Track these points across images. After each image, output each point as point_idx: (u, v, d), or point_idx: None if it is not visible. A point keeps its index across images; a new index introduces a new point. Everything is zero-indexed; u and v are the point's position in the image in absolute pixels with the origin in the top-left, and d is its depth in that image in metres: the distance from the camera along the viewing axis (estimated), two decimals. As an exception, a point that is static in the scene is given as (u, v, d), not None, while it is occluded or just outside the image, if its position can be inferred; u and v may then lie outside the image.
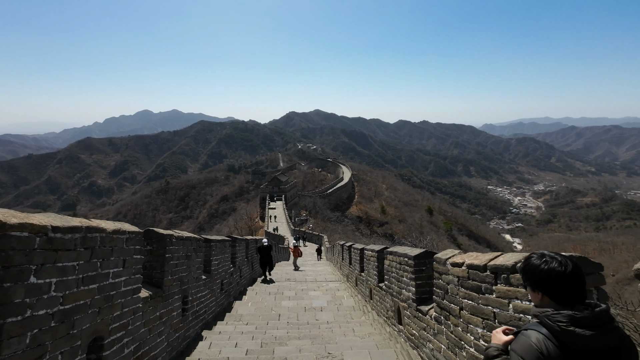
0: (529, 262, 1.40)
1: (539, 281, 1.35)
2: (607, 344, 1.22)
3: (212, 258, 6.06)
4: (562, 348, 1.23)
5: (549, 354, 1.22)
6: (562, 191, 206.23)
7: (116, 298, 2.69)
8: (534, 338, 1.27)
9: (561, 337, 1.24)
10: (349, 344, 4.47)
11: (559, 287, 1.31)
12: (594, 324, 1.23)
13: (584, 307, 1.29)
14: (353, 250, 9.53)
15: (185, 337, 4.44)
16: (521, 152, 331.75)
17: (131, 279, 2.93)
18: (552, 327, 1.26)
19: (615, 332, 1.24)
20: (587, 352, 1.21)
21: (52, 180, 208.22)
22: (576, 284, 1.30)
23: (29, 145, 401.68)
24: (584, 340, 1.21)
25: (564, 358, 1.22)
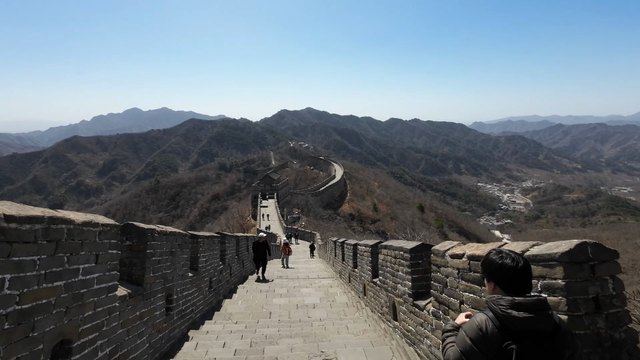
0: (488, 257, 1.62)
1: (493, 273, 1.57)
2: (540, 328, 1.38)
3: (200, 255, 5.81)
4: (501, 329, 1.40)
5: (487, 332, 1.41)
6: (549, 188, 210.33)
7: (87, 297, 2.45)
8: (478, 318, 1.48)
9: (501, 318, 1.42)
10: (343, 341, 4.29)
11: (507, 279, 1.51)
12: (530, 309, 1.39)
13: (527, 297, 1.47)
14: (346, 246, 9.36)
15: (170, 338, 4.20)
16: (510, 149, 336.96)
17: (105, 275, 2.69)
18: (495, 310, 1.45)
19: (549, 319, 1.41)
20: (522, 333, 1.37)
21: (37, 180, 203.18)
22: (523, 277, 1.50)
23: (12, 144, 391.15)
24: (519, 322, 1.38)
25: (501, 337, 1.39)
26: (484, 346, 1.40)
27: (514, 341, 1.37)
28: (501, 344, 1.38)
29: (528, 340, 1.37)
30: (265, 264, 10.60)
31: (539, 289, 1.95)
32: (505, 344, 1.38)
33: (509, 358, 1.36)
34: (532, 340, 1.37)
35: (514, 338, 1.38)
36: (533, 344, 1.37)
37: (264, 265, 10.53)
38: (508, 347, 1.37)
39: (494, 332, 1.40)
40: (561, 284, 1.82)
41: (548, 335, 1.40)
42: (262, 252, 10.45)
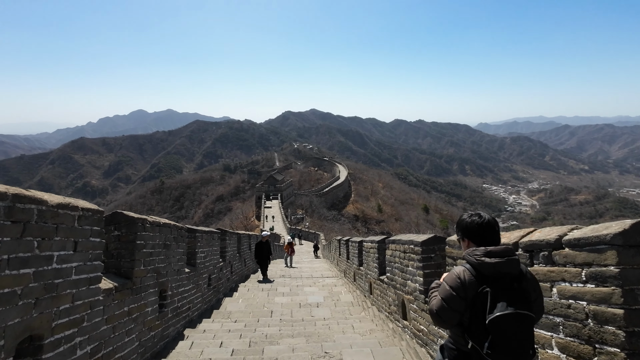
0: (460, 219, 1.86)
1: (465, 230, 1.81)
2: (510, 271, 1.58)
3: (198, 250, 5.55)
4: (477, 276, 1.61)
5: (465, 279, 1.61)
6: (556, 189, 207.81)
7: (63, 288, 2.19)
8: (457, 269, 1.68)
9: (477, 266, 1.62)
10: (348, 341, 3.99)
11: (477, 234, 1.74)
12: (500, 255, 1.60)
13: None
14: (351, 243, 9.06)
15: (163, 337, 3.93)
16: (516, 150, 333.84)
17: (86, 265, 2.42)
18: (471, 260, 1.65)
19: (516, 263, 1.62)
20: (494, 278, 1.57)
21: (44, 181, 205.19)
22: (490, 231, 1.73)
23: (20, 145, 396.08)
24: (492, 267, 1.58)
25: (477, 283, 1.59)
26: (463, 292, 1.60)
27: (488, 285, 1.56)
28: (477, 288, 1.58)
29: (500, 283, 1.55)
30: (267, 264, 10.22)
31: (584, 279, 1.65)
32: (480, 288, 1.57)
33: (484, 299, 1.54)
34: (503, 283, 1.56)
35: (488, 282, 1.57)
36: (504, 286, 1.55)
37: (266, 265, 10.17)
38: (483, 290, 1.56)
39: (470, 279, 1.60)
40: (614, 272, 1.52)
41: (516, 278, 1.59)
42: (265, 252, 10.13)
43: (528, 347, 1.49)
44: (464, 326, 1.61)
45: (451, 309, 1.61)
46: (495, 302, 1.49)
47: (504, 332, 1.46)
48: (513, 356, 1.46)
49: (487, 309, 1.50)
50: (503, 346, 1.46)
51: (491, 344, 1.48)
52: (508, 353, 1.46)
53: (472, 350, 1.57)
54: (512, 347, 1.46)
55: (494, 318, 1.46)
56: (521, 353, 1.47)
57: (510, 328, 1.46)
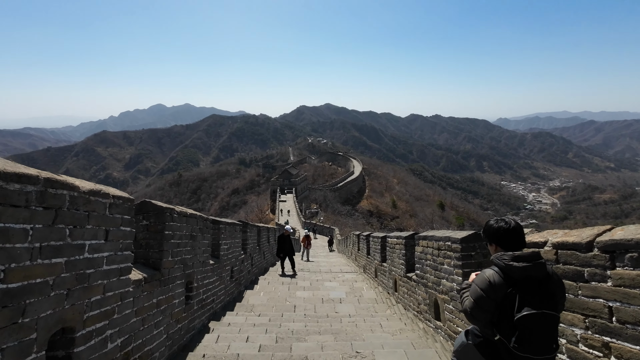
0: (487, 225, 1.97)
1: (492, 236, 1.90)
2: (536, 274, 1.69)
3: (221, 242, 5.47)
4: (506, 278, 1.71)
5: (495, 282, 1.72)
6: (579, 187, 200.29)
7: (95, 278, 2.08)
8: (487, 272, 1.78)
9: (505, 270, 1.72)
10: (379, 341, 3.81)
11: (504, 239, 1.84)
12: (527, 259, 1.70)
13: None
14: (372, 239, 8.85)
15: (189, 329, 3.86)
16: (537, 147, 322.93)
17: (117, 255, 2.32)
18: (500, 264, 1.75)
19: (543, 266, 1.71)
20: (521, 280, 1.67)
21: (70, 172, 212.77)
22: (516, 235, 1.84)
23: (47, 138, 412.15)
24: (520, 271, 1.68)
25: (505, 285, 1.69)
26: (493, 293, 1.71)
27: (516, 287, 1.68)
28: (506, 290, 1.69)
29: (527, 286, 1.67)
30: (292, 258, 9.90)
31: None
32: (509, 290, 1.69)
33: (512, 300, 1.66)
34: (530, 285, 1.67)
35: (515, 285, 1.68)
36: (531, 287, 1.67)
37: (291, 259, 9.87)
38: (511, 292, 1.68)
39: (500, 282, 1.71)
40: None
41: (542, 281, 1.69)
42: (287, 245, 9.89)
43: (552, 342, 1.65)
44: (493, 322, 1.75)
45: (482, 309, 1.74)
46: (523, 303, 1.63)
47: (530, 329, 1.60)
48: (538, 351, 1.62)
49: (515, 308, 1.64)
50: (528, 341, 1.61)
51: (518, 338, 1.63)
52: (533, 347, 1.61)
53: (499, 342, 1.72)
54: (537, 342, 1.61)
55: (521, 317, 1.61)
56: (545, 348, 1.63)
57: (536, 326, 1.60)
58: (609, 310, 1.75)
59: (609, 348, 1.75)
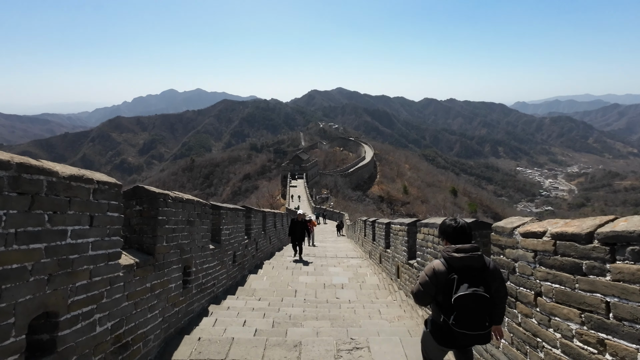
0: (442, 223, 2.36)
1: (443, 232, 2.31)
2: (473, 264, 2.07)
3: (223, 227, 5.50)
4: (448, 267, 2.10)
5: (438, 270, 2.11)
6: (598, 174, 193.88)
7: (80, 264, 2.08)
8: (434, 262, 2.21)
9: (448, 259, 2.11)
10: (375, 328, 3.79)
11: (452, 235, 2.24)
12: (467, 251, 2.10)
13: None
14: (377, 225, 8.78)
15: (187, 313, 3.92)
16: (555, 132, 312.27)
17: (104, 241, 2.32)
18: (445, 255, 2.16)
19: (480, 257, 2.11)
20: (461, 268, 2.05)
21: (87, 157, 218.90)
22: (462, 232, 2.23)
23: (64, 124, 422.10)
24: (459, 260, 2.08)
25: (447, 272, 2.07)
26: (435, 279, 2.10)
27: (456, 273, 2.04)
28: (447, 276, 2.05)
29: (465, 273, 2.03)
30: (301, 244, 9.74)
31: None
32: (450, 276, 2.04)
33: (452, 284, 2.01)
34: (467, 272, 2.03)
35: (456, 272, 2.05)
36: (468, 274, 2.02)
37: (300, 245, 9.71)
38: (452, 277, 2.04)
39: (443, 270, 2.09)
40: None
41: (479, 270, 2.06)
42: (300, 231, 9.65)
43: (484, 320, 1.99)
44: (439, 304, 2.12)
45: (425, 292, 2.15)
46: (459, 285, 2.00)
47: (465, 307, 1.95)
48: (472, 327, 1.96)
49: (453, 290, 2.01)
50: (464, 318, 1.96)
51: (455, 317, 1.97)
52: (468, 324, 1.96)
53: (443, 323, 2.11)
54: (470, 319, 1.96)
55: (457, 297, 1.97)
56: (478, 324, 1.98)
57: (469, 304, 1.95)
58: (607, 305, 1.64)
59: (604, 345, 1.65)
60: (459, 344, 2.10)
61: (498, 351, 2.61)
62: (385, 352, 3.18)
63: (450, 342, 2.13)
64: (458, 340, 2.06)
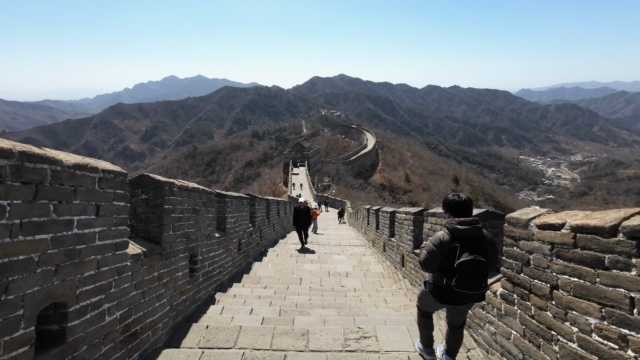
0: (445, 197, 2.65)
1: (448, 207, 2.59)
2: (474, 234, 2.39)
3: (228, 215, 5.47)
4: (452, 237, 2.40)
5: (444, 239, 2.42)
6: (601, 162, 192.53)
7: (86, 254, 2.05)
8: (439, 233, 2.49)
9: (452, 231, 2.41)
10: (382, 317, 3.79)
11: (455, 209, 2.53)
12: (469, 224, 2.39)
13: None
14: (381, 213, 8.74)
15: (195, 300, 3.93)
16: (560, 120, 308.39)
17: (111, 231, 2.28)
18: (449, 227, 2.45)
19: (479, 229, 2.42)
20: (463, 238, 2.37)
21: (89, 144, 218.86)
22: (464, 206, 2.51)
23: (66, 110, 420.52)
24: (461, 231, 2.38)
25: (451, 241, 2.38)
26: (441, 247, 2.40)
27: (459, 242, 2.36)
28: (451, 245, 2.37)
29: (466, 241, 2.36)
30: (306, 232, 9.71)
31: None
32: (453, 244, 2.37)
33: (455, 251, 2.34)
34: (469, 241, 2.36)
35: (458, 241, 2.36)
36: (469, 243, 2.35)
37: (305, 233, 9.67)
38: (455, 245, 2.36)
39: (447, 239, 2.40)
40: None
41: (478, 240, 2.39)
42: (303, 219, 9.53)
43: (482, 282, 2.31)
44: (442, 270, 2.44)
45: (432, 259, 2.43)
46: (462, 252, 2.31)
47: (466, 271, 2.28)
48: (471, 287, 2.29)
49: (456, 256, 2.31)
50: (464, 280, 2.28)
51: (457, 279, 2.29)
52: (468, 285, 2.28)
53: (446, 285, 2.39)
54: (470, 281, 2.29)
55: (460, 262, 2.29)
56: (477, 285, 2.30)
57: (470, 268, 2.27)
58: (631, 301, 1.59)
59: (626, 341, 1.60)
60: (458, 302, 2.45)
61: (509, 342, 2.59)
62: (392, 341, 3.17)
63: (449, 300, 2.48)
64: (457, 299, 2.40)
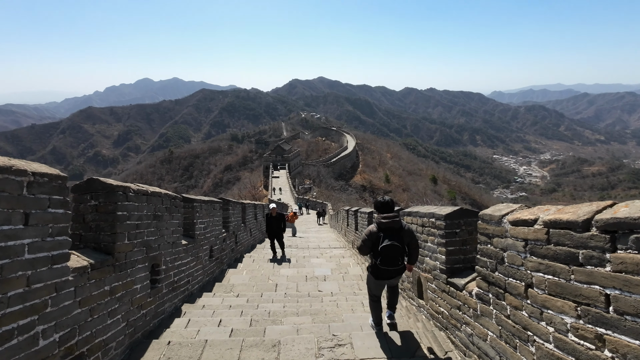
0: (375, 200, 3.38)
1: (375, 206, 3.33)
2: (394, 226, 3.12)
3: (197, 221, 5.18)
4: (378, 228, 3.13)
5: (373, 230, 3.14)
6: (568, 160, 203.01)
7: (11, 270, 1.77)
8: (370, 226, 3.22)
9: (378, 224, 3.15)
10: (358, 322, 3.65)
11: (381, 208, 3.24)
12: (390, 218, 3.13)
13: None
14: (360, 214, 8.66)
15: (158, 314, 3.63)
16: (529, 120, 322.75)
17: (45, 242, 2.00)
18: (376, 220, 3.19)
19: (398, 222, 3.16)
20: (386, 229, 3.10)
21: (57, 150, 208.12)
22: (387, 206, 3.24)
23: (30, 115, 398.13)
24: (384, 224, 3.11)
25: (377, 232, 3.11)
26: (370, 236, 3.14)
27: (383, 232, 3.10)
28: (377, 234, 3.11)
29: (388, 231, 3.09)
30: (281, 241, 8.49)
31: None
32: (379, 234, 3.10)
33: (379, 239, 3.08)
34: (389, 231, 3.09)
35: (382, 231, 3.10)
36: (390, 232, 3.09)
37: (280, 242, 8.48)
38: (379, 234, 3.10)
39: (375, 230, 3.13)
40: None
41: (397, 230, 3.13)
42: (275, 226, 8.41)
43: (398, 260, 3.06)
44: (372, 253, 3.16)
45: (365, 245, 3.15)
46: (384, 239, 3.03)
47: (387, 253, 3.02)
48: (390, 264, 3.04)
49: (380, 242, 3.04)
50: (386, 259, 3.03)
51: (381, 259, 3.03)
52: (388, 262, 3.03)
53: (375, 264, 3.15)
54: (389, 260, 3.03)
55: (382, 246, 3.02)
56: (394, 263, 3.05)
57: (389, 251, 3.01)
58: (606, 298, 1.51)
59: (602, 340, 1.52)
60: (385, 277, 3.20)
61: (485, 344, 2.50)
62: (368, 347, 3.03)
63: (380, 276, 3.20)
64: (383, 275, 3.17)
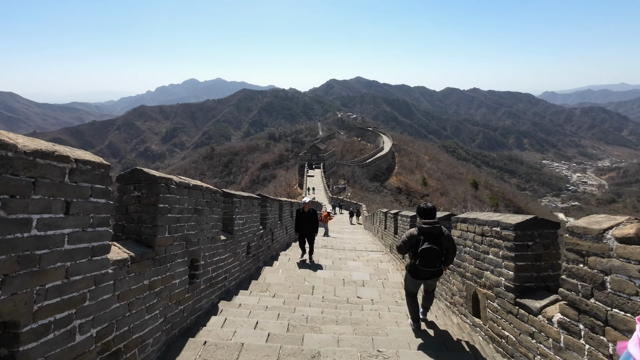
0: (418, 206, 3.64)
1: (418, 212, 3.58)
2: (434, 231, 3.36)
3: (236, 216, 5.10)
4: (419, 232, 3.39)
5: (413, 234, 3.42)
6: (632, 168, 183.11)
7: (49, 261, 1.68)
8: (411, 229, 3.53)
9: (419, 228, 3.40)
10: (405, 337, 3.30)
11: (423, 214, 3.50)
12: (431, 224, 3.37)
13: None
14: (400, 218, 8.20)
15: (195, 310, 3.54)
16: (586, 123, 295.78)
17: (86, 232, 1.91)
18: (418, 225, 3.45)
19: (439, 228, 3.38)
20: (426, 233, 3.35)
21: (113, 145, 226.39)
22: (429, 212, 3.48)
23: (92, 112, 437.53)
24: (425, 229, 3.37)
25: (418, 235, 3.38)
26: (410, 239, 3.43)
27: (423, 236, 3.35)
28: (418, 237, 3.37)
29: (428, 236, 3.34)
30: (312, 242, 7.61)
31: None
32: (419, 237, 3.37)
33: (419, 242, 3.34)
34: (430, 236, 3.34)
35: (423, 235, 3.36)
36: (430, 237, 3.34)
37: (310, 243, 7.59)
38: (419, 237, 3.37)
39: (416, 233, 3.41)
40: None
41: (437, 235, 3.36)
42: (307, 224, 7.48)
43: (437, 262, 3.33)
44: (412, 254, 3.46)
45: (404, 246, 3.47)
46: (424, 242, 3.31)
47: (425, 255, 3.29)
48: (429, 265, 3.31)
49: (419, 245, 3.33)
50: (425, 261, 3.30)
51: (420, 260, 3.32)
52: (427, 264, 3.30)
53: (413, 264, 3.46)
54: (428, 261, 3.30)
55: (422, 249, 3.30)
56: (433, 264, 3.31)
57: (428, 253, 3.28)
58: None
59: None
60: (422, 277, 3.45)
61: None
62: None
63: (418, 276, 3.45)
64: (421, 275, 3.42)
